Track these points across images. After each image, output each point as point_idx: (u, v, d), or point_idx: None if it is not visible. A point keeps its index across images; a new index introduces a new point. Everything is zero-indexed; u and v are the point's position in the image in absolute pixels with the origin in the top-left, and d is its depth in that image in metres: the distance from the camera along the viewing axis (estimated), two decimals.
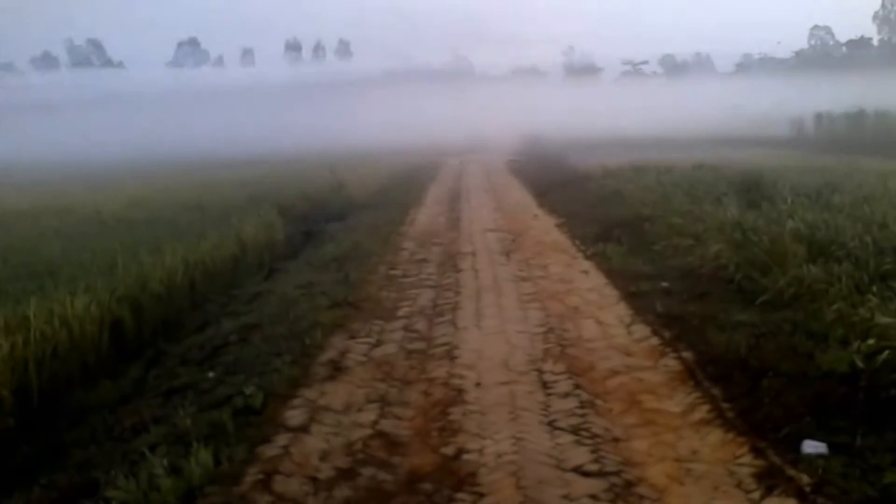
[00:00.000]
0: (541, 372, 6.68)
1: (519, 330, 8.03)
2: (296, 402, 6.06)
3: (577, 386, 6.27)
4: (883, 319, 6.25)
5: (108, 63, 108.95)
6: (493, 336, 7.89)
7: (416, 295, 9.85)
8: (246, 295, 10.54)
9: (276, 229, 14.77)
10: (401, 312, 9.00)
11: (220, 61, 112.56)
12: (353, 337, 7.95)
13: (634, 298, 8.84)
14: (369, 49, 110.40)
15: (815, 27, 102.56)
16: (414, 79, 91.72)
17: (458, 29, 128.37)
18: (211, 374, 6.96)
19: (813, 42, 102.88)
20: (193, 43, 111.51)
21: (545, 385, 6.37)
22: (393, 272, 11.36)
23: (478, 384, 6.44)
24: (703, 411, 5.62)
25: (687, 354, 6.76)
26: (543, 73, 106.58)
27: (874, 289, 7.13)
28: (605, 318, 8.26)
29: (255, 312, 9.29)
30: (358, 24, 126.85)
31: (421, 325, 8.45)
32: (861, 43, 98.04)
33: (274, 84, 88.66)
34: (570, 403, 5.93)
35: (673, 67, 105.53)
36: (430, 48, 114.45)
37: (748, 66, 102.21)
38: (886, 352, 5.75)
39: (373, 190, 23.58)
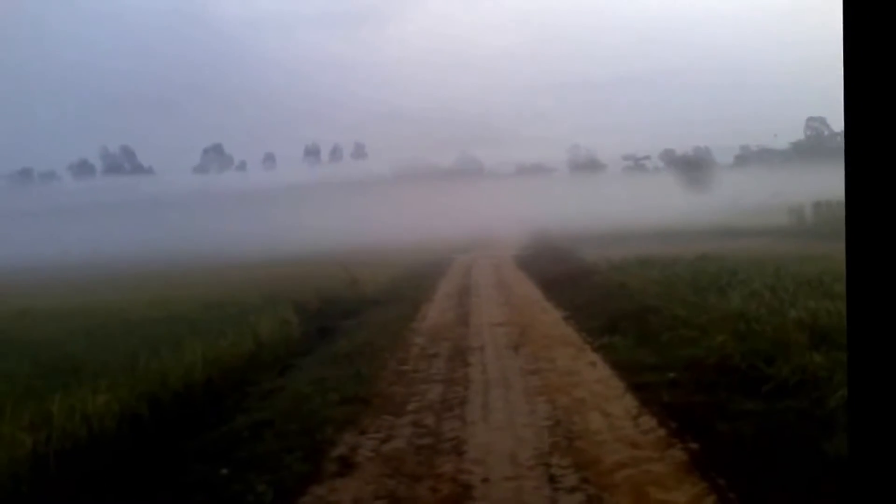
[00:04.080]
0: (548, 466, 6.66)
1: (526, 423, 8.03)
2: (305, 499, 6.10)
3: (585, 480, 6.26)
4: None
5: (138, 169, 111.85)
6: (500, 430, 7.88)
7: (425, 390, 9.89)
8: (260, 391, 10.59)
9: (291, 326, 14.91)
10: (410, 407, 9.03)
11: (242, 166, 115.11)
12: (363, 432, 7.99)
13: (641, 390, 8.87)
14: (383, 151, 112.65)
15: (811, 118, 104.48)
16: (424, 178, 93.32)
17: (465, 129, 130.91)
18: (224, 471, 6.99)
19: (809, 133, 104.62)
20: (218, 149, 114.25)
21: (552, 479, 6.35)
22: (403, 367, 11.44)
23: (485, 480, 6.42)
24: (709, 502, 5.62)
25: (693, 445, 6.78)
26: (549, 170, 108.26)
27: None
28: (611, 410, 8.28)
29: (268, 408, 9.34)
30: (372, 128, 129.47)
31: (430, 420, 8.46)
32: None
33: (293, 186, 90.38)
34: (577, 498, 5.91)
35: (674, 161, 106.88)
36: (440, 149, 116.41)
37: (747, 158, 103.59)
38: None
39: (385, 286, 23.77)
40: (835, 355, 8.03)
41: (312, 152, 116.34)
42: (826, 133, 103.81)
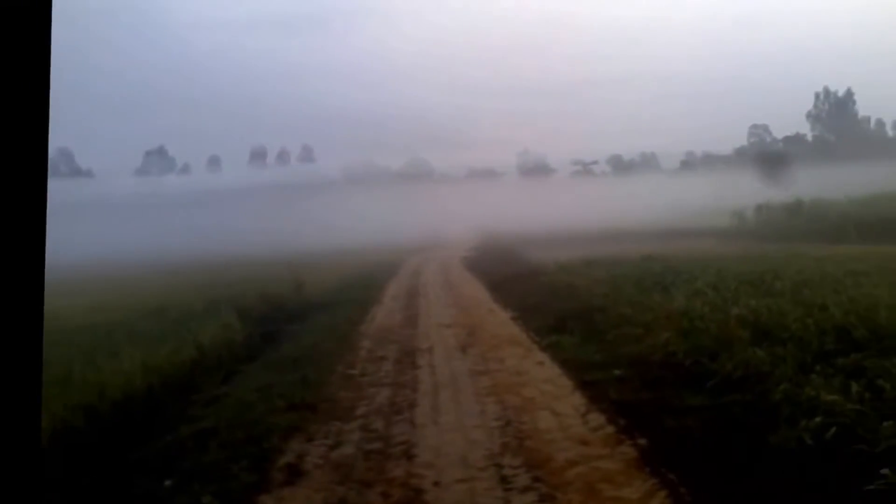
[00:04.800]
0: (499, 467, 6.65)
1: (476, 425, 8.03)
2: None
3: (536, 479, 6.27)
4: (828, 397, 6.45)
5: (77, 171, 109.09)
6: (450, 432, 7.86)
7: (373, 394, 9.83)
8: (204, 399, 10.43)
9: (234, 331, 14.72)
10: (358, 412, 8.96)
11: (186, 168, 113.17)
12: (310, 439, 7.91)
13: (589, 388, 8.93)
14: (331, 154, 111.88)
15: (754, 126, 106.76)
16: (374, 181, 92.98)
17: (416, 133, 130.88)
18: (168, 483, 6.85)
19: (752, 139, 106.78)
20: (161, 151, 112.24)
21: (504, 480, 6.35)
22: (351, 371, 11.36)
23: (436, 483, 6.40)
24: (660, 497, 5.66)
25: (642, 441, 6.84)
26: (499, 174, 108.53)
27: (818, 368, 7.33)
28: (560, 409, 8.32)
29: (212, 417, 9.18)
30: (320, 131, 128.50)
31: (379, 424, 8.41)
32: (796, 139, 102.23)
33: (238, 189, 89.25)
34: (529, 498, 5.92)
35: (621, 166, 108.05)
36: (390, 151, 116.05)
37: (692, 163, 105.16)
38: (833, 428, 5.94)
39: (332, 289, 23.63)
40: (776, 350, 8.21)
41: (259, 155, 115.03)
42: (768, 139, 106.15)
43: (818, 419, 6.12)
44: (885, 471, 5.16)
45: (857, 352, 7.53)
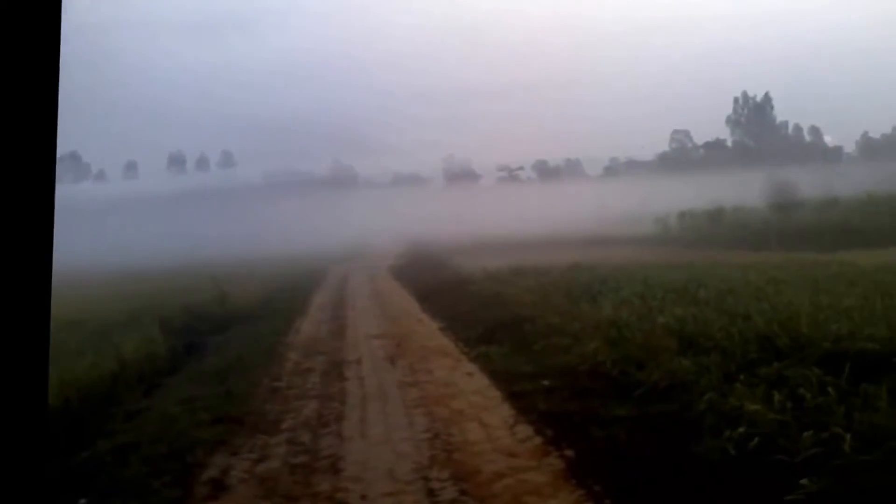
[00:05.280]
0: (427, 480, 6.60)
1: (404, 437, 7.98)
2: None
3: (464, 492, 6.23)
4: (751, 407, 6.55)
5: None
6: (378, 445, 7.80)
7: (300, 406, 9.70)
8: (124, 413, 10.16)
9: (156, 343, 14.42)
10: (285, 425, 8.83)
11: (101, 175, 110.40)
12: (235, 453, 7.76)
13: (517, 398, 8.94)
14: (253, 160, 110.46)
15: (676, 131, 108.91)
16: (298, 187, 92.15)
17: (340, 138, 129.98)
18: (83, 501, 6.64)
19: (674, 145, 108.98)
20: (74, 157, 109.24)
21: (431, 493, 6.30)
22: (277, 384, 11.20)
23: (364, 497, 6.33)
24: None
25: (569, 452, 6.86)
26: (425, 180, 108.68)
27: (742, 377, 7.44)
28: (489, 420, 8.31)
29: (133, 431, 8.94)
30: (241, 136, 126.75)
31: (305, 437, 8.30)
32: (717, 145, 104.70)
33: (156, 195, 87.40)
34: None
35: (546, 172, 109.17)
36: (313, 157, 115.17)
37: (615, 169, 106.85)
38: (756, 438, 6.03)
39: (257, 299, 23.33)
40: (701, 360, 8.32)
41: (177, 161, 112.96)
42: (689, 145, 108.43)
43: (741, 429, 6.22)
44: (804, 481, 5.25)
45: (780, 361, 7.66)
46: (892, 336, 7.68)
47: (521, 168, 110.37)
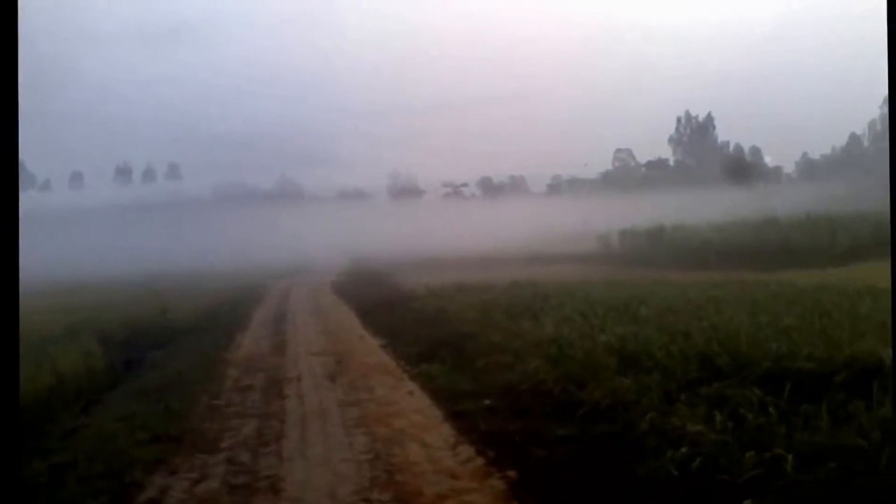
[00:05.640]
0: (368, 501, 6.48)
1: (345, 457, 7.83)
2: None
3: None
4: (693, 427, 6.53)
5: None
6: (319, 465, 7.64)
7: (240, 425, 9.50)
8: (60, 430, 9.86)
9: (95, 358, 14.11)
10: (224, 444, 8.62)
11: (47, 185, 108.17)
12: (174, 472, 7.55)
13: (459, 418, 8.86)
14: (199, 172, 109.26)
15: (618, 150, 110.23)
16: (242, 201, 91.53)
17: (286, 153, 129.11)
18: None
19: (616, 164, 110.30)
20: (19, 167, 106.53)
21: None
22: (216, 401, 10.98)
23: None
24: None
25: (511, 473, 6.78)
26: (369, 195, 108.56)
27: (683, 397, 7.43)
28: (430, 440, 8.21)
29: (69, 449, 8.64)
30: (188, 148, 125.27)
31: (245, 457, 8.10)
32: (659, 164, 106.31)
33: (102, 206, 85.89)
34: None
35: (490, 189, 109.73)
36: (259, 171, 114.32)
37: (559, 187, 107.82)
38: (699, 459, 6.00)
39: (198, 314, 23.01)
40: (642, 379, 8.30)
41: (124, 172, 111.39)
42: (632, 164, 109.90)
43: (684, 449, 6.18)
44: (747, 502, 5.24)
45: (720, 380, 7.66)
46: (830, 356, 7.73)
47: (466, 185, 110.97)
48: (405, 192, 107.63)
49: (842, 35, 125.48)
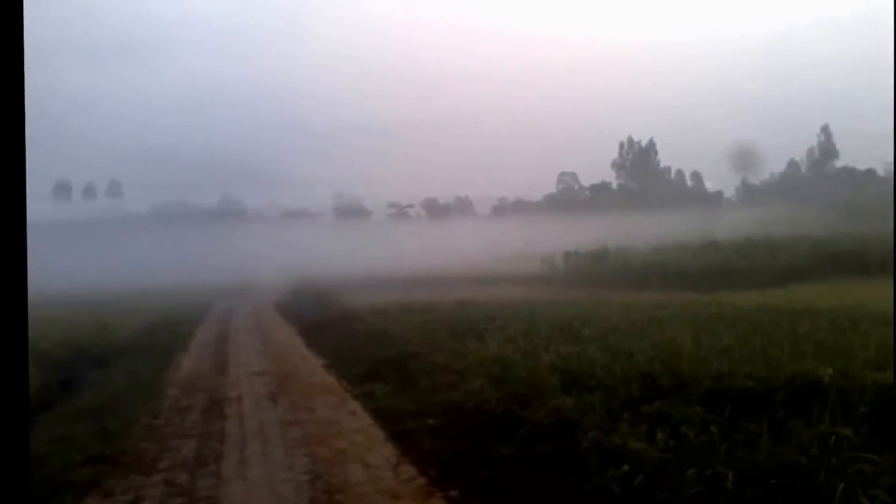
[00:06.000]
0: None
1: (285, 478, 7.71)
2: None
3: None
4: (635, 445, 6.53)
5: None
6: (258, 486, 7.52)
7: (178, 445, 9.31)
8: None
9: (30, 377, 13.68)
10: (162, 465, 8.44)
11: None
12: (108, 495, 7.37)
13: (401, 438, 8.80)
14: (141, 190, 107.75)
15: (563, 173, 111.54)
16: (185, 219, 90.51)
17: (229, 171, 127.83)
18: None
19: (561, 187, 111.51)
20: None
21: None
22: (155, 422, 10.76)
23: None
24: None
25: (454, 493, 6.74)
26: (314, 215, 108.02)
27: (625, 416, 7.45)
28: (372, 461, 8.12)
29: None
30: (129, 166, 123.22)
31: (183, 478, 7.92)
32: (602, 187, 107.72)
33: (39, 224, 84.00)
34: None
35: (436, 210, 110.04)
36: (202, 189, 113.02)
37: (504, 209, 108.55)
38: (640, 476, 6.00)
39: (138, 333, 22.64)
40: (585, 397, 8.30)
41: (63, 189, 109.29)
42: (576, 187, 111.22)
43: (625, 467, 6.18)
44: None
45: (662, 399, 7.70)
46: (770, 374, 7.83)
47: (411, 205, 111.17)
48: (350, 212, 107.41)
49: (782, 64, 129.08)
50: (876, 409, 6.67)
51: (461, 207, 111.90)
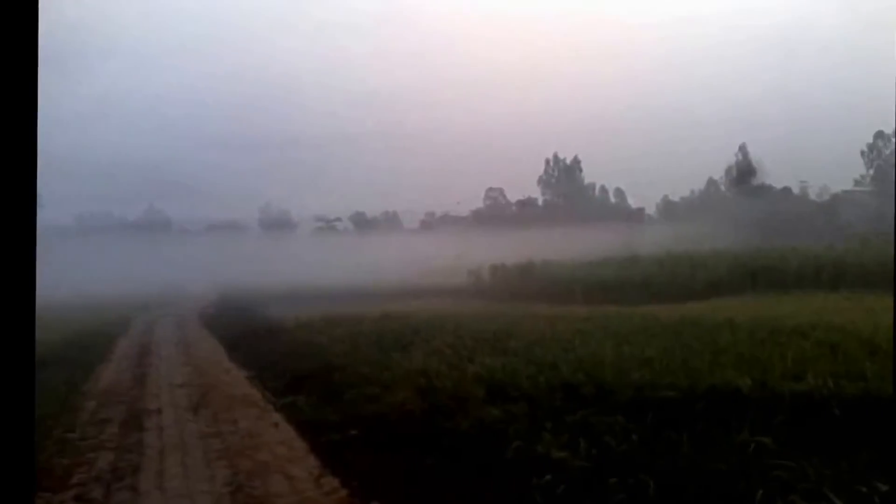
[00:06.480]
0: None
1: (205, 490, 7.55)
2: None
3: None
4: (558, 454, 6.56)
5: None
6: (176, 499, 7.34)
7: (93, 459, 9.03)
8: None
9: None
10: (74, 480, 8.15)
11: None
12: None
13: (324, 450, 8.69)
14: (62, 201, 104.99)
15: (490, 189, 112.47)
16: (109, 231, 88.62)
17: (154, 183, 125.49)
18: None
19: (488, 202, 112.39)
20: None
21: None
22: (69, 435, 10.42)
23: None
24: None
25: None
26: (241, 227, 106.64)
27: (548, 425, 7.48)
28: (294, 472, 8.00)
29: None
30: (50, 177, 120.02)
31: (97, 492, 7.69)
32: (528, 203, 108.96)
33: None
34: None
35: (363, 223, 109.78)
36: (126, 201, 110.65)
37: (431, 223, 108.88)
38: (563, 486, 6.02)
39: (59, 345, 21.89)
40: (510, 408, 8.33)
41: None
42: (503, 202, 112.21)
43: (548, 477, 6.20)
44: None
45: (585, 409, 7.76)
46: (691, 385, 7.96)
47: (339, 219, 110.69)
48: (277, 225, 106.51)
49: (702, 84, 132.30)
50: (792, 417, 6.83)
51: (389, 221, 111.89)
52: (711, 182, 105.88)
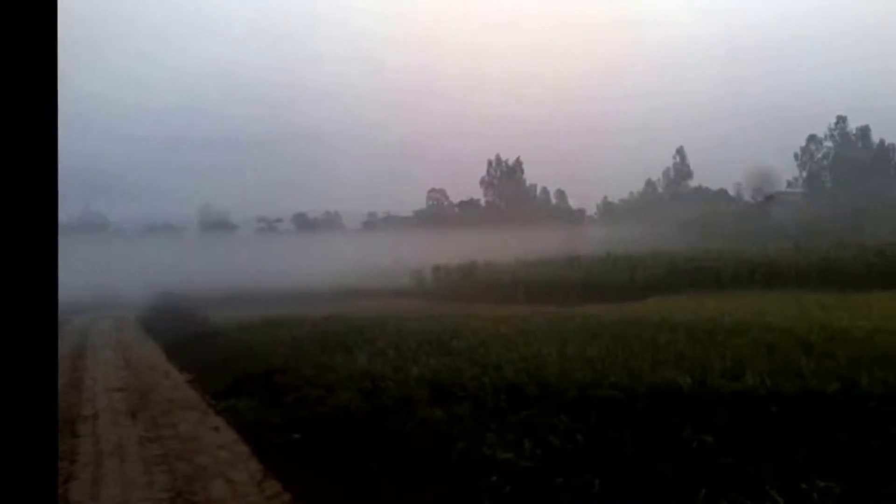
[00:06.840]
0: None
1: (143, 497, 7.40)
2: None
3: None
4: (503, 455, 6.56)
5: None
6: None
7: None
8: None
9: None
10: None
11: None
12: None
13: (266, 453, 8.59)
14: None
15: (433, 189, 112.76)
16: None
17: (91, 184, 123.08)
18: None
19: (430, 203, 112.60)
20: None
21: None
22: None
23: None
24: None
25: None
26: (179, 228, 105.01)
27: (493, 426, 7.48)
28: (236, 477, 7.87)
29: None
30: None
31: None
32: (471, 204, 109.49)
33: None
34: None
35: (305, 224, 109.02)
36: (62, 202, 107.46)
37: (374, 223, 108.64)
38: (508, 486, 6.02)
39: None
40: (454, 409, 8.31)
41: None
42: (445, 203, 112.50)
43: (494, 478, 6.19)
44: None
45: (529, 409, 7.78)
46: (633, 384, 8.02)
47: (280, 220, 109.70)
48: (217, 226, 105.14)
49: (641, 88, 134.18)
50: (732, 416, 6.92)
51: (331, 222, 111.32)
52: (650, 184, 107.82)
